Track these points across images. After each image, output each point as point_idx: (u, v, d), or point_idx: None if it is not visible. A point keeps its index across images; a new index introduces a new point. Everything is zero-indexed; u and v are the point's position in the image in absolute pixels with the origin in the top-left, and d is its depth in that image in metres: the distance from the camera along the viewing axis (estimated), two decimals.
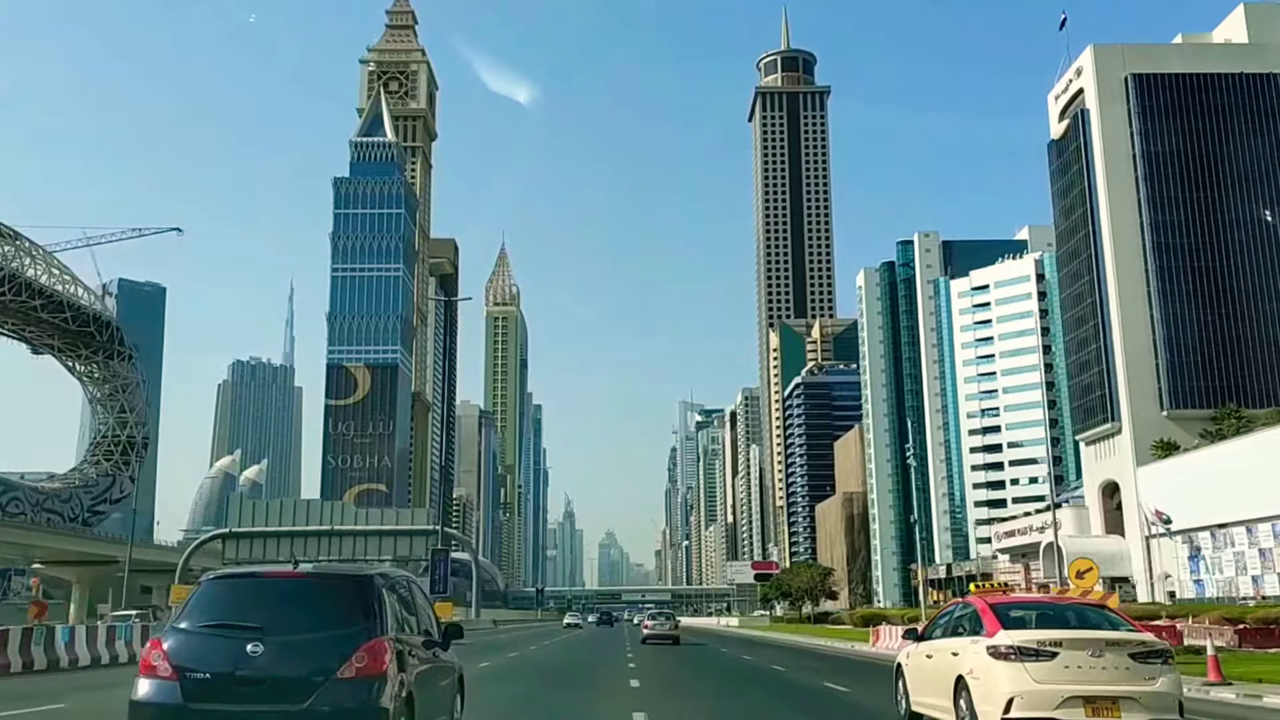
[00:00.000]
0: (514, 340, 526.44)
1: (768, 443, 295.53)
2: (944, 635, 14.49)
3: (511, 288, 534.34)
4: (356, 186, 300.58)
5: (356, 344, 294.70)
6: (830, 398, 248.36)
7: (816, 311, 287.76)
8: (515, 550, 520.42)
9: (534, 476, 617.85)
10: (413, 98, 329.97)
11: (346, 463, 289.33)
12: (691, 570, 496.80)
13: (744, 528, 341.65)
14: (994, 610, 13.34)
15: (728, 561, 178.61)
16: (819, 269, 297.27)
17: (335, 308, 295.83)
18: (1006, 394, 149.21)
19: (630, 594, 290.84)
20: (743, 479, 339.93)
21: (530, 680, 27.62)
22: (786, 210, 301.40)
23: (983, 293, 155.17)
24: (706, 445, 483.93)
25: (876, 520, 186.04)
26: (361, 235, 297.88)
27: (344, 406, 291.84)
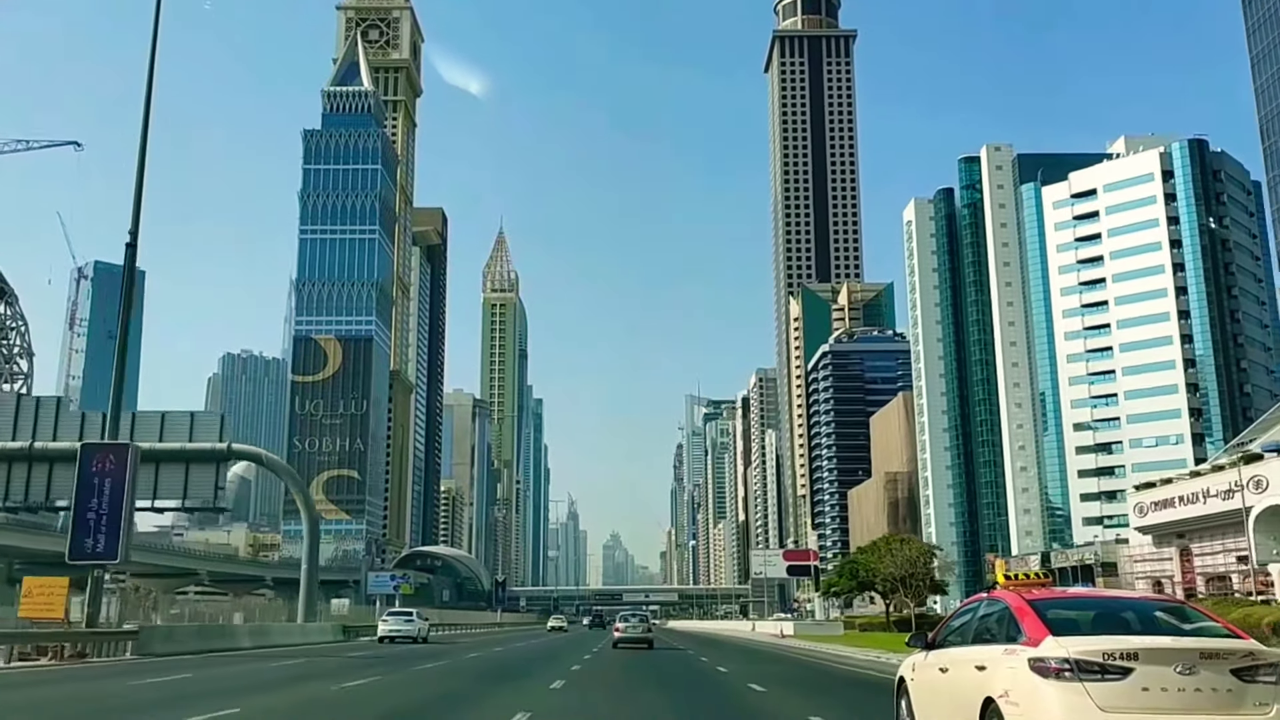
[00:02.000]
0: (512, 329, 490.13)
1: (786, 426, 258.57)
2: (965, 642, 10.30)
3: (510, 273, 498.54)
4: (328, 139, 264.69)
5: (326, 314, 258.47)
6: (862, 368, 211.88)
7: (842, 276, 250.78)
8: (513, 549, 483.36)
9: (534, 473, 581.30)
10: (394, 47, 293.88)
11: (314, 446, 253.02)
12: (699, 571, 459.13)
13: (758, 523, 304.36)
14: (1036, 609, 9.30)
15: (754, 550, 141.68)
16: (844, 230, 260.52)
17: (303, 273, 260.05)
18: (1123, 329, 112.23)
19: (633, 594, 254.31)
20: (757, 469, 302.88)
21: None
22: (807, 166, 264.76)
23: (1087, 201, 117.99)
24: (715, 438, 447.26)
25: (930, 503, 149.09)
26: (333, 193, 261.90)
27: (312, 383, 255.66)
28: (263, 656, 37.04)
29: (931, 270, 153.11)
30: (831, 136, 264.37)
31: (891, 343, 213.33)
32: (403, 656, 37.73)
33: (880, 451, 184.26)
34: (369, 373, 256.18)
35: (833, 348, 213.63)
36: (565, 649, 48.11)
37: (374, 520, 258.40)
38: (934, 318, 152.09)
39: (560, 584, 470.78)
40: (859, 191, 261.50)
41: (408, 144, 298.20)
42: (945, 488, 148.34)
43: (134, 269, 45.14)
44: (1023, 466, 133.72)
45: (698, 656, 41.04)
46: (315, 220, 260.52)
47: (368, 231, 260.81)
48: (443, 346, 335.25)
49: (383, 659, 35.38)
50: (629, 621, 50.83)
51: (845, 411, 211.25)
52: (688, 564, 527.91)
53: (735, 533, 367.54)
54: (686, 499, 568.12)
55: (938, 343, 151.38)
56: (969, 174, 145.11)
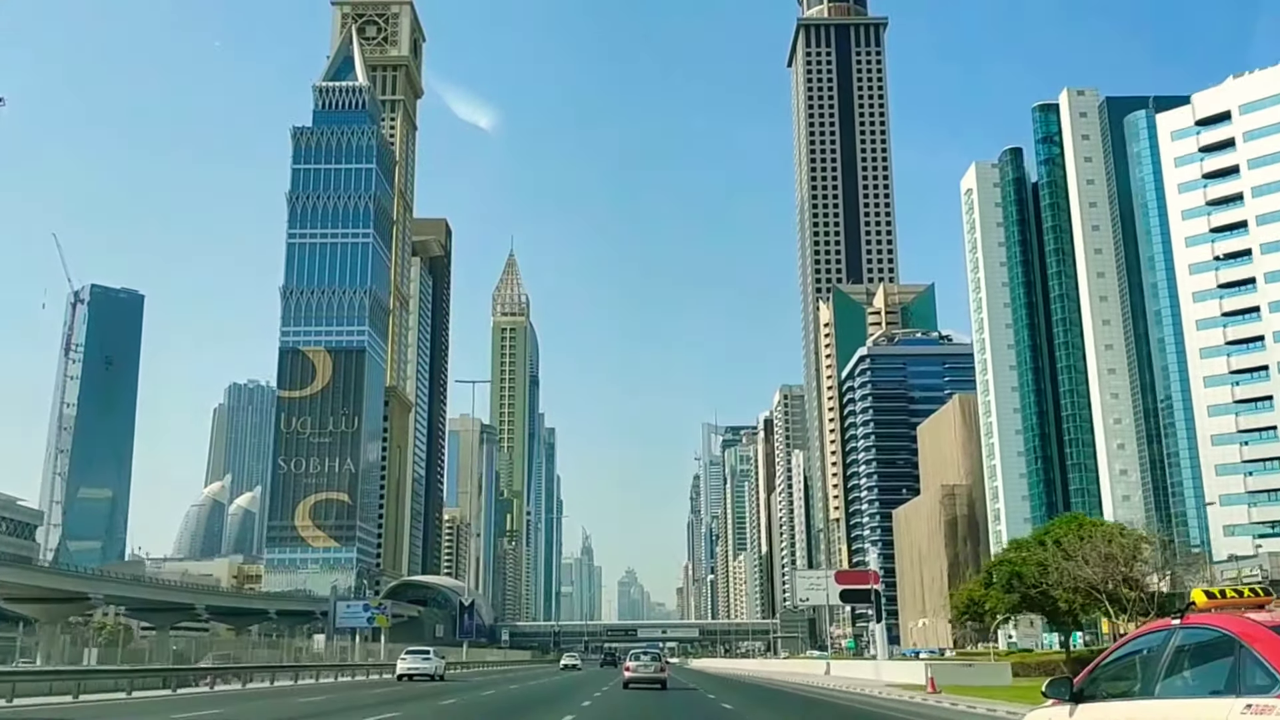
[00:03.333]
0: (523, 353, 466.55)
1: (816, 445, 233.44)
2: (1145, 691, 6.80)
3: (521, 296, 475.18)
4: (319, 137, 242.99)
5: (315, 323, 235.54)
6: (905, 374, 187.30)
7: (875, 280, 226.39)
8: (522, 584, 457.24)
9: (546, 505, 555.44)
10: (393, 44, 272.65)
11: (300, 466, 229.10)
12: (718, 606, 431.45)
13: (783, 552, 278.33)
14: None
15: (798, 572, 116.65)
16: (877, 230, 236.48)
17: (290, 280, 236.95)
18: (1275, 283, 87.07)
19: (648, 630, 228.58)
20: (782, 494, 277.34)
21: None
22: (836, 163, 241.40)
23: (1218, 127, 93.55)
24: (734, 466, 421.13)
25: (1002, 518, 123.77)
26: (323, 194, 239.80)
27: (299, 399, 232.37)
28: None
29: (997, 245, 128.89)
30: (862, 131, 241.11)
31: (937, 346, 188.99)
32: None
33: (931, 464, 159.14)
34: (361, 387, 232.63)
35: (871, 351, 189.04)
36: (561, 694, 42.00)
37: (366, 548, 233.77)
38: (1001, 300, 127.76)
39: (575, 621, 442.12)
40: (892, 189, 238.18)
41: (407, 147, 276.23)
42: (1020, 500, 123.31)
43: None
44: (1122, 470, 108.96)
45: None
46: (304, 223, 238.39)
47: (360, 235, 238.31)
48: (445, 365, 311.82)
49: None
50: (640, 660, 46.67)
51: (886, 423, 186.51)
52: (705, 599, 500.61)
53: (757, 565, 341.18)
54: (704, 531, 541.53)
55: (1006, 329, 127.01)
56: (1045, 125, 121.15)
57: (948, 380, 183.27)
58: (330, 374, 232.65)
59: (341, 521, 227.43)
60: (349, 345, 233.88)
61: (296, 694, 36.53)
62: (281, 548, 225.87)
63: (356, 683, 54.35)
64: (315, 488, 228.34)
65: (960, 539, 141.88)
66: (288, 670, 52.78)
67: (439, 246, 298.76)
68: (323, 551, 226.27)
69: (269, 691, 40.98)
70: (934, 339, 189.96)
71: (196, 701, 33.89)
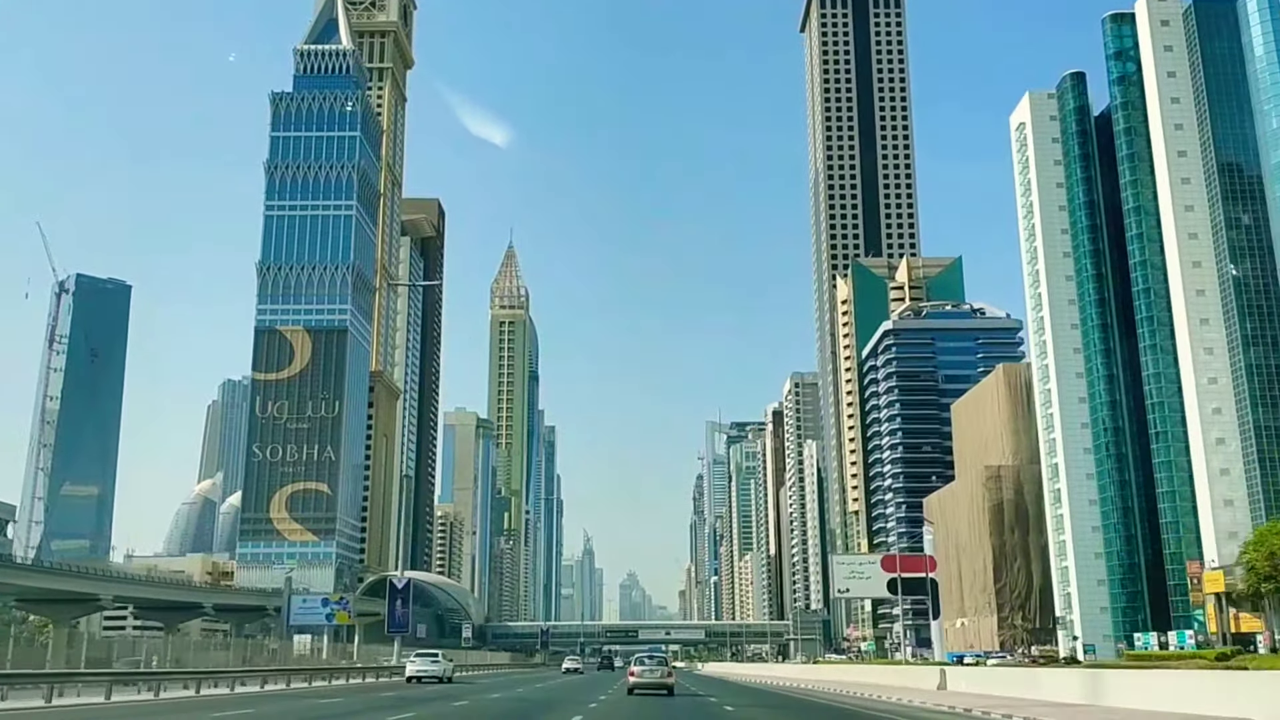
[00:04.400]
0: (522, 348, 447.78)
1: (832, 433, 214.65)
2: None
3: (520, 289, 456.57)
4: (300, 103, 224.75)
5: (293, 301, 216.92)
6: (934, 349, 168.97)
7: (896, 254, 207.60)
8: (520, 584, 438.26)
9: (546, 505, 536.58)
10: (381, 9, 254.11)
11: (277, 454, 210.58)
12: (721, 608, 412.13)
13: (795, 549, 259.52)
14: None
15: (835, 557, 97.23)
16: (896, 202, 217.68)
17: (267, 256, 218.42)
18: None
19: (650, 631, 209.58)
20: (793, 488, 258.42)
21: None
22: (853, 131, 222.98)
23: None
24: (739, 463, 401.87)
25: (1064, 499, 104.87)
26: (304, 163, 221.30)
27: (275, 382, 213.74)
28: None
29: (1055, 186, 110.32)
30: (880, 96, 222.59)
31: (969, 319, 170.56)
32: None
33: (970, 445, 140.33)
34: (342, 370, 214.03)
35: (896, 325, 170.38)
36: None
37: (348, 543, 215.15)
38: (1060, 249, 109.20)
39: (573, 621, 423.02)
40: (913, 156, 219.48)
41: (396, 119, 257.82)
42: (1084, 479, 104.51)
43: None
44: (1219, 439, 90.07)
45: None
46: (283, 194, 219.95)
47: (342, 207, 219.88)
48: (438, 353, 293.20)
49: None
50: (645, 664, 43.36)
51: (912, 404, 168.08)
52: (709, 601, 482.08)
53: (765, 565, 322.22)
54: (708, 532, 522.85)
55: (1067, 282, 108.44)
56: (1118, 38, 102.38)
57: (981, 357, 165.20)
58: (309, 355, 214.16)
59: (320, 514, 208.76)
60: (329, 325, 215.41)
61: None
62: (255, 542, 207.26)
63: (335, 688, 49.87)
64: (292, 477, 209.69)
65: (1007, 527, 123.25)
66: (254, 675, 47.10)
67: (430, 227, 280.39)
68: (300, 546, 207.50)
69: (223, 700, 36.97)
70: (965, 311, 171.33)
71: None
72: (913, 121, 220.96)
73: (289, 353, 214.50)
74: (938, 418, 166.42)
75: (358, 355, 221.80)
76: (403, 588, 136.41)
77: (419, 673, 55.68)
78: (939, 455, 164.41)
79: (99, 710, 30.53)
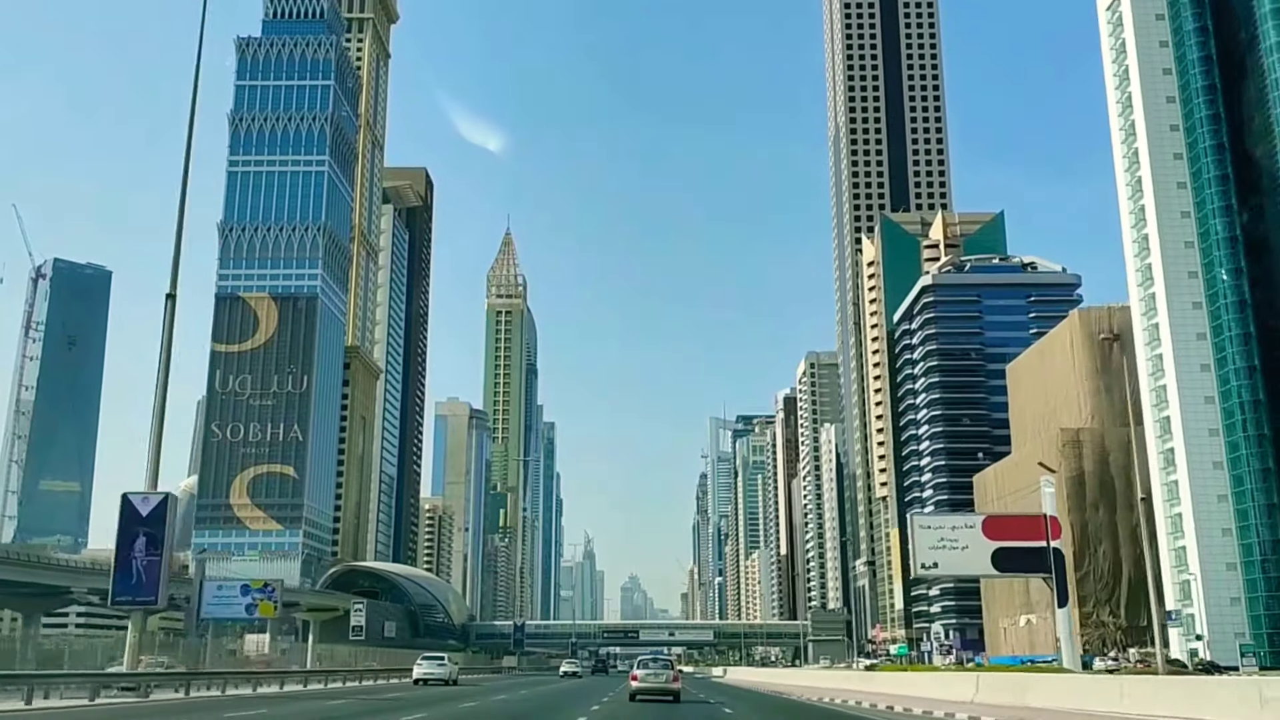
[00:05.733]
0: (519, 339, 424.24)
1: (854, 414, 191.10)
2: None
3: (517, 278, 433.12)
4: (268, 50, 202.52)
5: (258, 265, 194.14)
6: (980, 308, 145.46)
7: (925, 211, 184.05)
8: (517, 584, 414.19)
9: (544, 503, 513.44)
10: None
11: (238, 434, 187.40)
12: (726, 610, 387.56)
13: (809, 544, 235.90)
14: None
15: (916, 515, 74.63)
16: (925, 153, 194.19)
17: (230, 215, 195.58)
18: None
19: (653, 631, 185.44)
20: (808, 477, 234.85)
21: None
22: (878, 76, 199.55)
23: None
24: (746, 457, 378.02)
25: (1178, 461, 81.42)
26: (271, 114, 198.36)
27: (237, 354, 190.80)
28: None
29: (1161, 73, 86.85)
30: (908, 38, 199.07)
31: (1020, 274, 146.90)
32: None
33: (1033, 409, 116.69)
34: (311, 340, 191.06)
35: (937, 280, 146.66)
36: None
37: (318, 533, 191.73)
38: (1170, 149, 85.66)
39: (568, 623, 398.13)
40: (943, 100, 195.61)
41: (376, 74, 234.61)
42: (1205, 435, 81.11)
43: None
44: None
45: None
46: (248, 148, 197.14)
47: (313, 162, 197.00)
48: (424, 332, 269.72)
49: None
50: (649, 668, 40.16)
51: (953, 370, 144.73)
52: (712, 603, 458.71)
53: (774, 562, 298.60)
54: (711, 531, 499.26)
55: (1178, 191, 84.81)
56: None
57: (1033, 317, 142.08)
58: (275, 325, 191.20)
59: (286, 500, 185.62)
60: (298, 291, 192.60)
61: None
62: (213, 530, 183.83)
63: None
64: (255, 459, 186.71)
65: (1090, 503, 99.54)
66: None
67: (416, 196, 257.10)
68: (262, 535, 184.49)
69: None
70: (1015, 265, 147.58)
71: None
72: (943, 61, 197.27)
73: (253, 322, 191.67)
74: (984, 386, 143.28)
75: (330, 326, 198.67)
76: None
77: (425, 675, 57.79)
78: (984, 429, 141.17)
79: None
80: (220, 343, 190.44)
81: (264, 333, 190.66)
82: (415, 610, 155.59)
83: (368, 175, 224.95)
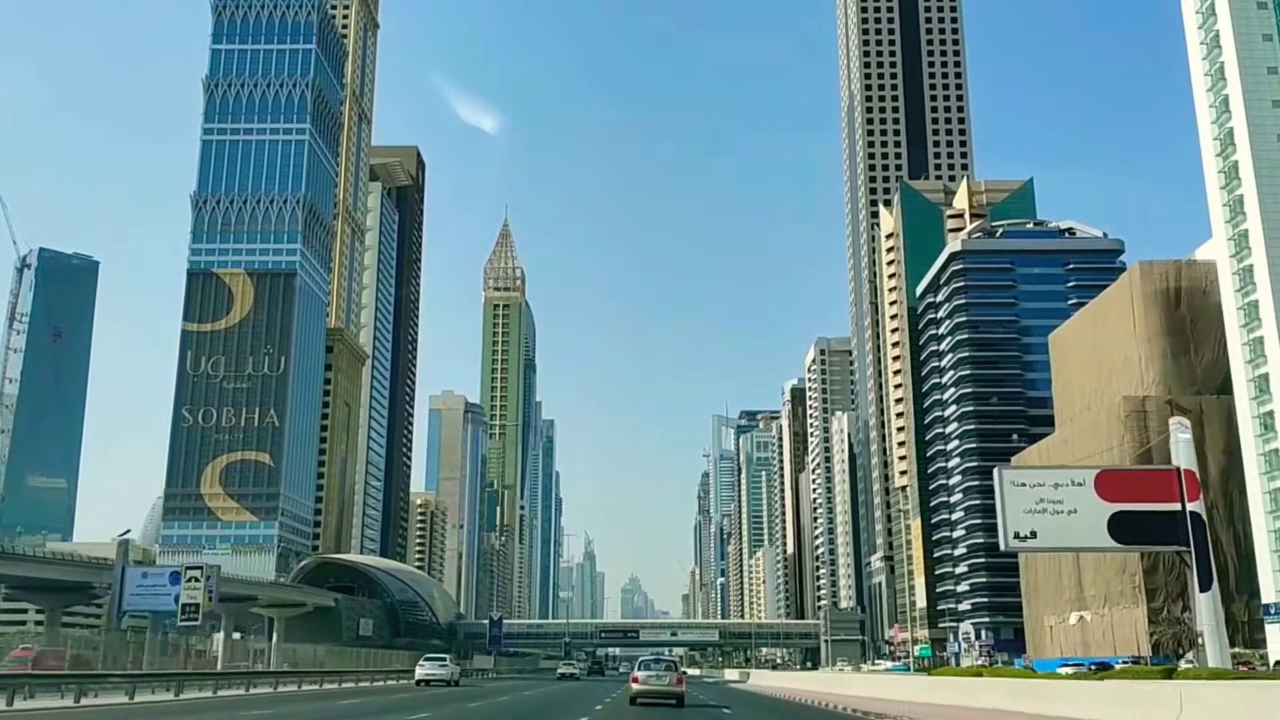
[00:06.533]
0: (516, 332, 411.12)
1: (870, 399, 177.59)
2: None
3: (515, 269, 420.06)
4: (246, 11, 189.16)
5: (233, 239, 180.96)
6: (1013, 277, 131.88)
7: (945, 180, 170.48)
8: (514, 584, 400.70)
9: (543, 501, 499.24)
10: None
11: (209, 419, 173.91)
12: (729, 612, 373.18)
13: (819, 540, 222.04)
14: None
15: (1008, 471, 60.79)
16: (945, 118, 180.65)
17: (204, 187, 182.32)
18: None
19: (654, 631, 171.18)
20: (818, 469, 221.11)
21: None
22: (895, 41, 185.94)
23: None
24: (750, 454, 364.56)
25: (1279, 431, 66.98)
26: (249, 79, 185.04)
27: (210, 333, 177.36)
28: None
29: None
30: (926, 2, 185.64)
31: (1059, 239, 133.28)
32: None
33: (1082, 380, 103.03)
34: (289, 319, 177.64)
35: (966, 246, 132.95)
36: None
37: (296, 525, 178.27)
38: (1264, 63, 71.86)
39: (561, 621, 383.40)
40: (964, 66, 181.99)
41: (364, 43, 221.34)
42: None
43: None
44: None
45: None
46: (224, 116, 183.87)
47: (293, 130, 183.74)
48: (415, 319, 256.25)
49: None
50: (651, 670, 37.89)
51: (986, 343, 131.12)
52: (715, 604, 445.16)
53: (780, 560, 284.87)
54: (714, 531, 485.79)
55: (1274, 110, 70.90)
56: None
57: (1071, 286, 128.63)
58: (251, 302, 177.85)
59: (261, 489, 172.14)
60: (275, 266, 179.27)
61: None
62: (182, 522, 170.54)
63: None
64: (228, 445, 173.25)
65: None
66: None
67: (407, 175, 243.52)
68: (235, 528, 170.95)
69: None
70: (1052, 230, 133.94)
71: None
72: (963, 28, 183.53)
73: (227, 299, 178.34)
74: (1018, 362, 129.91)
75: (310, 305, 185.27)
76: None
77: (428, 676, 58.02)
78: (1018, 409, 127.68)
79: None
80: (192, 321, 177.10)
81: (239, 311, 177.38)
82: (396, 607, 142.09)
83: (354, 149, 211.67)
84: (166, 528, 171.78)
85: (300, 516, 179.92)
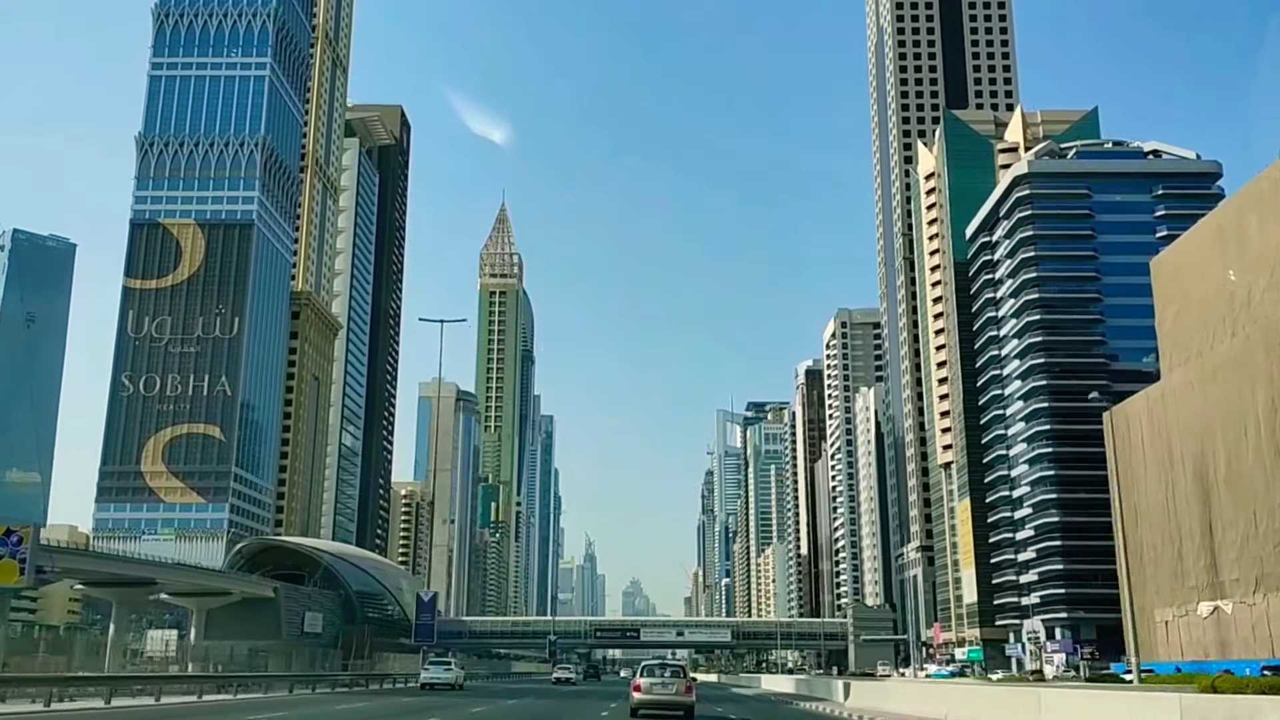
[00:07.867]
0: (513, 321, 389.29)
1: (905, 368, 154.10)
2: None
3: (512, 256, 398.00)
4: None
5: (183, 186, 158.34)
6: (1090, 204, 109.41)
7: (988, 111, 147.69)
8: (510, 582, 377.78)
9: (541, 499, 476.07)
10: None
11: (152, 386, 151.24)
12: (734, 612, 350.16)
13: (839, 532, 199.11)
14: None
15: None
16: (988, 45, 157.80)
17: (151, 128, 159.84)
18: None
19: (657, 631, 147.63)
20: (838, 456, 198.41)
21: None
22: None
23: None
24: (758, 446, 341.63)
25: None
26: (203, 9, 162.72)
27: (155, 290, 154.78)
28: None
29: None
30: None
31: (1144, 161, 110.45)
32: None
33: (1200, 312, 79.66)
34: (245, 275, 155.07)
35: (1034, 169, 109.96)
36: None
37: (251, 508, 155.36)
38: None
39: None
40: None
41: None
42: None
43: None
44: None
45: None
46: (174, 49, 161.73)
47: (252, 65, 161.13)
48: (397, 294, 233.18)
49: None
50: (655, 676, 31.37)
51: (1058, 281, 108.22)
52: (719, 605, 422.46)
53: (792, 557, 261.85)
54: (718, 530, 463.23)
55: None
56: None
57: (1160, 216, 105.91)
58: (202, 257, 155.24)
59: (210, 467, 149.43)
60: (230, 218, 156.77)
61: None
62: (119, 504, 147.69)
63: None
64: (173, 417, 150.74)
65: None
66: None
67: (389, 134, 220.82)
68: (180, 510, 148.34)
69: None
70: (1136, 150, 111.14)
71: None
72: None
73: (174, 253, 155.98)
74: (1097, 306, 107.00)
75: (270, 261, 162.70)
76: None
77: (432, 679, 56.01)
78: (1098, 360, 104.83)
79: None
80: (134, 278, 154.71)
81: (188, 266, 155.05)
82: (353, 599, 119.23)
83: (326, 96, 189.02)
84: (101, 510, 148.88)
85: (257, 500, 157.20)
